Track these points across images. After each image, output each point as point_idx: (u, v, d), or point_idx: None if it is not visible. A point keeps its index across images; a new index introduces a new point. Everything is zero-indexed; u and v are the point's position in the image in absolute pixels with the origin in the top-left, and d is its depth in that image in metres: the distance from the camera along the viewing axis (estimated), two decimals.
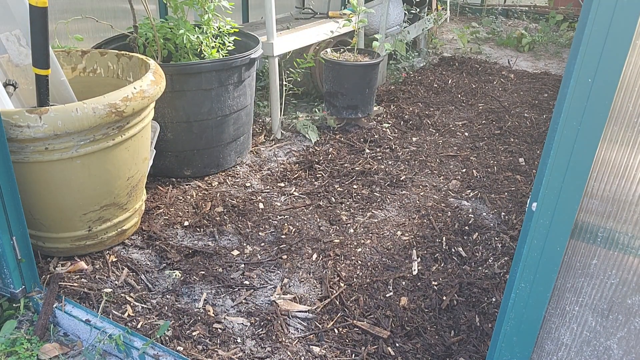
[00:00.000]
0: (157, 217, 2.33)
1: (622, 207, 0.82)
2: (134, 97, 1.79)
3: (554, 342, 0.98)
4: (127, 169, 1.94)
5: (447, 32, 6.20)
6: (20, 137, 1.62)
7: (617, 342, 0.91)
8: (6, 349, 1.58)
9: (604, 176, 0.81)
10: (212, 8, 2.54)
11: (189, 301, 1.87)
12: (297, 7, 4.45)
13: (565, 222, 0.83)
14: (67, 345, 1.68)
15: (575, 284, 0.91)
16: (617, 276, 0.86)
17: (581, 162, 0.78)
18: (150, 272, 2.00)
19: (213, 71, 2.43)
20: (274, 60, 3.05)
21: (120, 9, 3.14)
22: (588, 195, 0.82)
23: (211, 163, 2.69)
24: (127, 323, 1.74)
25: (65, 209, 1.88)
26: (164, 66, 2.23)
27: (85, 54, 2.29)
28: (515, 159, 3.00)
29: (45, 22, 1.72)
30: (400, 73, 4.43)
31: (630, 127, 0.77)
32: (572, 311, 0.93)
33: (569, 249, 0.87)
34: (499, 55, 5.29)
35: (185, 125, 2.52)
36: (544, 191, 0.82)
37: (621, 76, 0.72)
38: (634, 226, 0.82)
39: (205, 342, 1.69)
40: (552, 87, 4.27)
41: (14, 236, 1.65)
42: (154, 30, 2.47)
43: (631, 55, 0.71)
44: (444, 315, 1.83)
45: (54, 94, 2.00)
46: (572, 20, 6.26)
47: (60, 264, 2.00)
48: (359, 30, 3.68)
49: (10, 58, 2.04)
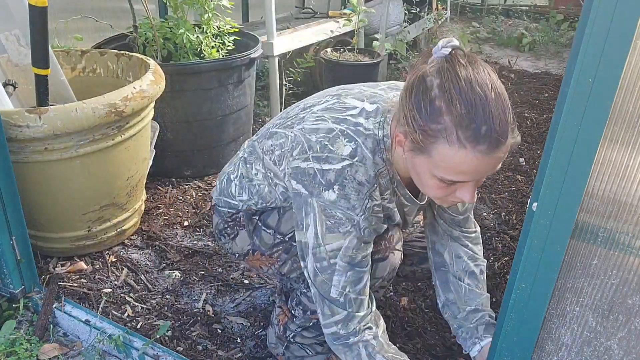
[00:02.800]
0: (157, 217, 2.33)
1: (622, 207, 0.82)
2: (134, 97, 1.79)
3: (554, 343, 0.98)
4: (126, 169, 1.94)
5: (447, 32, 6.19)
6: (19, 137, 1.61)
7: (617, 342, 0.91)
8: (5, 349, 1.58)
9: (605, 176, 0.80)
10: (212, 7, 2.54)
11: (189, 301, 1.87)
12: (297, 7, 4.45)
13: (566, 222, 0.83)
14: (66, 345, 1.68)
15: (575, 284, 0.91)
16: (617, 276, 0.86)
17: (581, 162, 0.78)
18: (150, 273, 2.00)
19: (213, 71, 2.43)
20: (274, 60, 3.05)
21: (120, 8, 3.13)
22: (588, 195, 0.82)
23: (211, 163, 2.69)
24: (127, 323, 1.74)
25: (65, 209, 1.88)
26: (163, 66, 2.22)
27: (84, 53, 2.29)
28: (515, 158, 3.00)
29: (44, 21, 1.72)
30: (401, 73, 4.43)
31: (631, 127, 0.76)
32: (572, 311, 0.93)
33: (569, 249, 0.87)
34: (500, 55, 5.29)
35: (185, 125, 2.52)
36: (545, 191, 0.82)
37: (621, 76, 0.72)
38: (634, 226, 0.82)
39: (205, 342, 1.69)
40: (553, 87, 4.27)
41: (14, 236, 1.65)
42: (154, 30, 2.46)
43: (631, 55, 0.71)
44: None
45: (54, 94, 1.99)
46: (573, 20, 6.26)
47: (60, 264, 2.00)
48: (359, 30, 3.67)
49: (10, 58, 2.04)
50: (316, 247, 1.19)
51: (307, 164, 1.17)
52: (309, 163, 1.16)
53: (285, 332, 1.52)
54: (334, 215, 1.16)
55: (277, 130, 1.30)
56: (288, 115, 1.33)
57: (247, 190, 1.39)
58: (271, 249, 1.41)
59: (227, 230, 1.48)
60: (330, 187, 1.14)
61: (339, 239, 1.17)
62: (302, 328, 1.48)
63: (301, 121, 1.24)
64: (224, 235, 1.49)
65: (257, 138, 1.41)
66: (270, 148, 1.30)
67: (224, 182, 1.47)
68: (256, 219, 1.42)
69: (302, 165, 1.18)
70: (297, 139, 1.22)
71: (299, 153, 1.19)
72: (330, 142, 1.16)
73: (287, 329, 1.51)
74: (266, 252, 1.43)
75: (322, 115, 1.22)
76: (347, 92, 1.28)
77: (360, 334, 1.24)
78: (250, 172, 1.38)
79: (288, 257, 1.39)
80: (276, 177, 1.30)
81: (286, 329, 1.51)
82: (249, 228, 1.43)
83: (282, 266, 1.42)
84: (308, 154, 1.17)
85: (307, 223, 1.19)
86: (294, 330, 1.50)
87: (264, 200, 1.37)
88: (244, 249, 1.47)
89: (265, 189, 1.35)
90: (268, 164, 1.31)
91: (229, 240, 1.49)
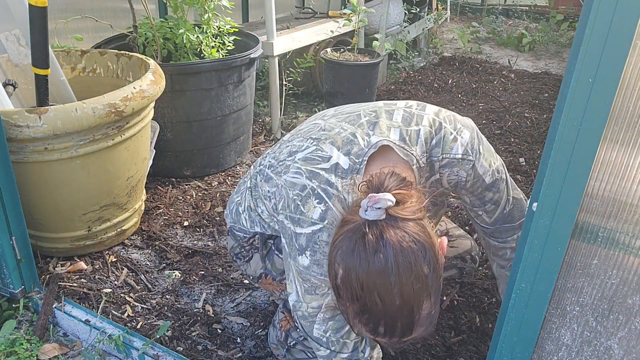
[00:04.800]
0: (157, 217, 2.33)
1: (622, 207, 0.82)
2: (134, 96, 1.79)
3: (554, 343, 0.98)
4: (126, 169, 1.94)
5: (447, 32, 6.19)
6: (19, 137, 1.61)
7: (617, 342, 0.91)
8: (5, 349, 1.58)
9: (605, 176, 0.80)
10: (212, 7, 2.54)
11: (189, 301, 1.86)
12: (297, 7, 4.45)
13: (566, 222, 0.83)
14: (66, 345, 1.68)
15: (575, 284, 0.91)
16: (617, 276, 0.86)
17: (582, 162, 0.78)
18: (150, 272, 2.00)
19: (213, 71, 2.43)
20: (274, 60, 3.05)
21: (120, 8, 3.13)
22: (588, 195, 0.82)
23: (211, 163, 2.69)
24: (127, 323, 1.74)
25: (65, 209, 1.88)
26: (163, 66, 2.22)
27: (84, 53, 2.29)
28: (515, 158, 3.00)
29: (44, 21, 1.72)
30: (401, 73, 4.43)
31: (631, 127, 0.76)
32: (572, 311, 0.93)
33: (569, 249, 0.87)
34: (500, 55, 5.28)
35: (185, 125, 2.52)
36: (545, 191, 0.82)
37: (622, 76, 0.72)
38: (634, 226, 0.82)
39: (205, 342, 1.69)
40: (553, 87, 4.27)
41: (14, 236, 1.65)
42: (154, 30, 2.46)
43: (632, 55, 0.71)
44: (445, 315, 1.83)
45: (54, 94, 1.99)
46: (573, 20, 6.26)
47: (60, 264, 2.00)
48: (359, 30, 3.67)
49: (10, 58, 2.04)
50: (298, 302, 1.25)
51: (287, 222, 1.20)
52: (288, 222, 1.19)
53: (287, 339, 1.53)
54: (309, 280, 1.20)
55: (272, 176, 1.30)
56: (280, 155, 1.31)
57: (259, 224, 1.42)
58: (282, 275, 1.43)
59: (242, 253, 1.50)
60: (303, 252, 1.17)
61: (318, 299, 1.23)
62: (303, 338, 1.50)
63: (287, 170, 1.24)
64: (240, 258, 1.52)
65: (259, 169, 1.40)
66: (268, 195, 1.32)
67: (234, 212, 1.49)
68: (271, 243, 1.44)
69: (284, 222, 1.21)
70: (280, 193, 1.23)
71: (282, 208, 1.22)
72: (302, 202, 1.16)
73: (289, 336, 1.53)
74: (277, 278, 1.45)
75: (299, 168, 1.20)
76: (327, 134, 1.24)
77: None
78: (257, 208, 1.40)
79: None
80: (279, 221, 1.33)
81: (288, 336, 1.53)
82: (263, 252, 1.45)
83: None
84: (286, 213, 1.20)
85: (290, 279, 1.25)
86: (295, 339, 1.52)
87: (277, 232, 1.40)
88: (257, 272, 1.49)
89: (276, 226, 1.37)
90: (269, 208, 1.34)
91: (243, 263, 1.51)
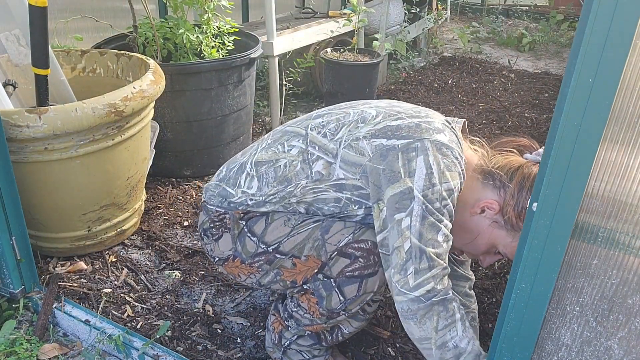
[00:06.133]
0: (157, 217, 2.33)
1: (622, 207, 0.82)
2: (134, 96, 1.79)
3: (554, 343, 0.98)
4: (126, 169, 1.94)
5: (447, 32, 6.20)
6: (19, 137, 1.61)
7: (617, 342, 0.91)
8: (5, 349, 1.58)
9: (605, 176, 0.80)
10: (212, 7, 2.54)
11: (189, 301, 1.87)
12: (297, 7, 4.45)
13: (566, 222, 0.83)
14: (66, 345, 1.68)
15: (575, 284, 0.91)
16: (617, 276, 0.86)
17: (582, 162, 0.78)
18: (150, 273, 2.00)
19: (213, 71, 2.43)
20: (274, 60, 3.05)
21: (120, 8, 3.13)
22: (588, 195, 0.82)
23: (211, 163, 2.69)
24: (127, 323, 1.74)
25: (65, 209, 1.88)
26: (163, 66, 2.22)
27: (84, 53, 2.29)
28: None
29: (44, 21, 1.72)
30: (401, 73, 4.43)
31: (631, 127, 0.76)
32: (572, 311, 0.93)
33: (569, 249, 0.87)
34: (500, 55, 5.29)
35: (185, 125, 2.52)
36: (545, 191, 0.82)
37: (622, 76, 0.72)
38: (634, 226, 0.82)
39: (205, 342, 1.69)
40: (553, 87, 4.27)
41: (14, 236, 1.65)
42: (154, 30, 2.46)
43: (632, 55, 0.71)
44: None
45: (54, 94, 1.99)
46: (573, 20, 6.26)
47: (60, 264, 2.00)
48: (359, 30, 3.67)
49: (10, 58, 2.04)
50: (428, 188, 1.16)
51: (402, 121, 1.26)
52: (406, 120, 1.26)
53: (281, 340, 1.52)
54: (449, 155, 1.20)
55: (328, 112, 1.38)
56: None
57: (264, 178, 1.34)
58: (252, 258, 1.36)
59: (211, 230, 1.41)
60: (441, 132, 1.23)
61: (455, 178, 1.20)
62: (297, 337, 1.49)
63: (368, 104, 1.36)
64: (208, 235, 1.43)
65: (290, 124, 1.43)
66: (321, 123, 1.34)
67: (234, 170, 1.41)
68: (243, 223, 1.36)
69: (393, 123, 1.25)
70: (377, 111, 1.32)
71: (383, 118, 1.28)
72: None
73: (283, 337, 1.51)
74: (246, 261, 1.38)
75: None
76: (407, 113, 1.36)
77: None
78: (277, 153, 1.34)
79: (270, 268, 1.35)
80: (321, 150, 1.29)
81: (281, 337, 1.52)
82: (234, 232, 1.37)
83: (263, 277, 1.38)
84: (401, 115, 1.28)
85: (411, 169, 1.17)
86: (289, 339, 1.50)
87: (280, 183, 1.31)
88: (225, 253, 1.41)
89: (297, 167, 1.30)
90: (314, 138, 1.31)
91: (211, 241, 1.43)
